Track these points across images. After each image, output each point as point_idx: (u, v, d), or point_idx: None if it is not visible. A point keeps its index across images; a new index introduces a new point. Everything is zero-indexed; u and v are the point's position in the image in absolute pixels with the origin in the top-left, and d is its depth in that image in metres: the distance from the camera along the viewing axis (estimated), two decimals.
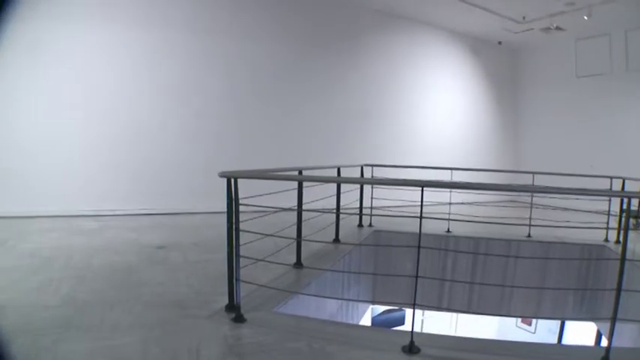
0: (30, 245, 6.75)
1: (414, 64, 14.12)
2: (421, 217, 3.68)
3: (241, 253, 4.07)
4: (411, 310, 3.69)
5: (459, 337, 4.09)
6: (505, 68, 16.29)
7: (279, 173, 5.16)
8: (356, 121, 12.82)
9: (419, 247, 3.71)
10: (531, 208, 8.73)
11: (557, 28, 12.96)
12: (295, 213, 5.88)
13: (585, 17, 11.81)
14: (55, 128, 9.30)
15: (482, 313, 9.27)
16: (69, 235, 7.68)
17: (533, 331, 13.91)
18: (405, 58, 13.91)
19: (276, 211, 4.65)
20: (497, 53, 15.95)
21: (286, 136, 11.76)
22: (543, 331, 13.57)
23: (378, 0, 12.52)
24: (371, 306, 9.78)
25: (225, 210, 4.10)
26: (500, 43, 15.58)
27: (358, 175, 8.72)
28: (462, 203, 9.42)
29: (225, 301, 4.23)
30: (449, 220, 7.54)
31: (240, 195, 4.10)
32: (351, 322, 6.97)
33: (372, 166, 9.21)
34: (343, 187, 7.48)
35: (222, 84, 10.97)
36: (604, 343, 9.77)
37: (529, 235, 8.72)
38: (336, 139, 12.46)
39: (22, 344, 3.38)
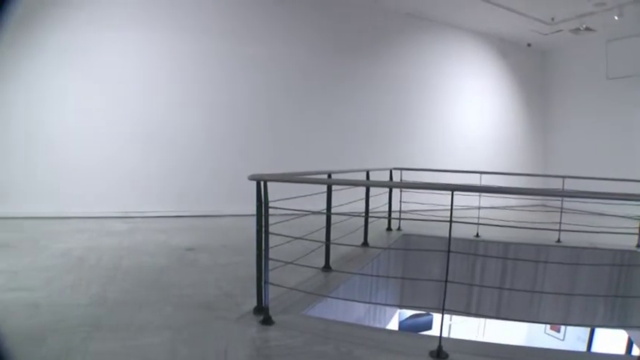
0: (62, 245, 6.86)
1: (443, 67, 14.06)
2: (451, 222, 3.65)
3: (270, 255, 4.09)
4: (439, 314, 3.67)
5: (487, 343, 4.06)
6: (534, 70, 16.12)
7: (309, 177, 5.17)
8: (385, 125, 12.81)
9: (449, 251, 3.68)
10: (561, 212, 8.62)
11: (587, 29, 12.77)
12: (324, 216, 5.88)
13: (616, 17, 11.61)
14: (86, 131, 9.46)
15: (510, 319, 9.18)
16: (99, 236, 7.78)
17: (562, 338, 13.71)
18: (434, 61, 13.86)
19: (305, 214, 4.66)
20: (526, 55, 15.79)
21: (316, 139, 11.78)
22: (572, 339, 13.37)
23: (407, 3, 12.48)
24: (398, 310, 9.73)
25: (255, 213, 4.13)
26: (529, 45, 15.42)
27: (387, 178, 8.70)
28: (492, 207, 9.33)
29: (254, 303, 4.24)
30: (478, 224, 7.48)
31: (270, 198, 4.12)
32: (378, 326, 6.95)
33: (401, 169, 9.17)
34: (372, 190, 7.45)
35: (253, 89, 11.04)
36: (635, 351, 9.62)
37: (559, 240, 8.60)
38: (365, 143, 12.44)
39: (53, 342, 3.43)
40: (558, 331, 13.80)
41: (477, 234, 8.76)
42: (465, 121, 14.48)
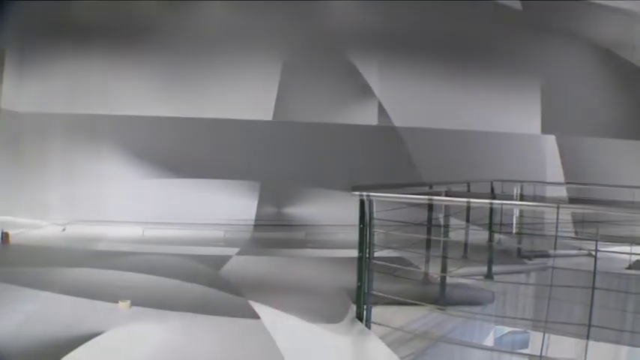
0: (167, 248, 7.28)
1: (544, 74, 13.55)
2: (556, 236, 3.60)
3: (372, 265, 4.15)
4: (538, 333, 3.61)
5: None
6: None
7: (412, 189, 5.19)
8: (482, 134, 12.51)
9: (553, 266, 3.63)
10: None
11: None
12: (423, 227, 5.86)
13: None
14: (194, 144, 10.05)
15: (613, 342, 8.78)
16: (202, 241, 8.10)
17: None
18: (534, 68, 13.40)
19: (406, 225, 4.69)
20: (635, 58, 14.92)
21: (417, 149, 11.69)
22: None
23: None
24: (495, 326, 9.51)
25: (357, 223, 4.18)
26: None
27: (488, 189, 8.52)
28: (597, 222, 8.94)
29: (355, 312, 4.27)
30: (581, 238, 7.20)
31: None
32: (475, 341, 6.84)
33: (502, 181, 8.90)
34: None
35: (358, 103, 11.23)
36: None
37: None
38: (467, 152, 12.18)
39: (155, 339, 3.69)
40: None
41: (581, 248, 8.39)
42: (569, 133, 13.87)
